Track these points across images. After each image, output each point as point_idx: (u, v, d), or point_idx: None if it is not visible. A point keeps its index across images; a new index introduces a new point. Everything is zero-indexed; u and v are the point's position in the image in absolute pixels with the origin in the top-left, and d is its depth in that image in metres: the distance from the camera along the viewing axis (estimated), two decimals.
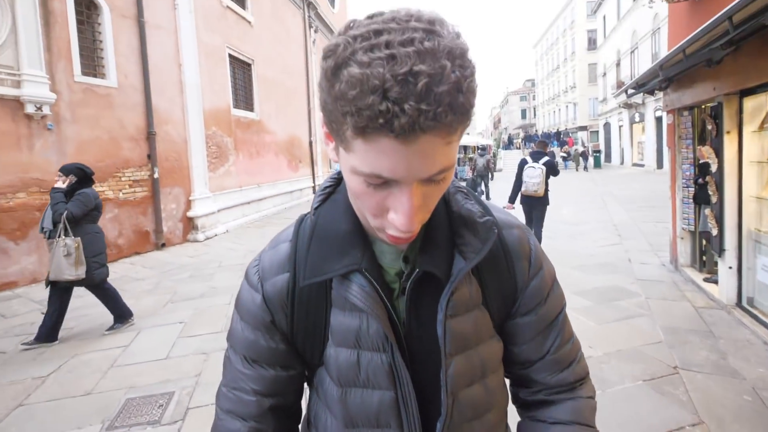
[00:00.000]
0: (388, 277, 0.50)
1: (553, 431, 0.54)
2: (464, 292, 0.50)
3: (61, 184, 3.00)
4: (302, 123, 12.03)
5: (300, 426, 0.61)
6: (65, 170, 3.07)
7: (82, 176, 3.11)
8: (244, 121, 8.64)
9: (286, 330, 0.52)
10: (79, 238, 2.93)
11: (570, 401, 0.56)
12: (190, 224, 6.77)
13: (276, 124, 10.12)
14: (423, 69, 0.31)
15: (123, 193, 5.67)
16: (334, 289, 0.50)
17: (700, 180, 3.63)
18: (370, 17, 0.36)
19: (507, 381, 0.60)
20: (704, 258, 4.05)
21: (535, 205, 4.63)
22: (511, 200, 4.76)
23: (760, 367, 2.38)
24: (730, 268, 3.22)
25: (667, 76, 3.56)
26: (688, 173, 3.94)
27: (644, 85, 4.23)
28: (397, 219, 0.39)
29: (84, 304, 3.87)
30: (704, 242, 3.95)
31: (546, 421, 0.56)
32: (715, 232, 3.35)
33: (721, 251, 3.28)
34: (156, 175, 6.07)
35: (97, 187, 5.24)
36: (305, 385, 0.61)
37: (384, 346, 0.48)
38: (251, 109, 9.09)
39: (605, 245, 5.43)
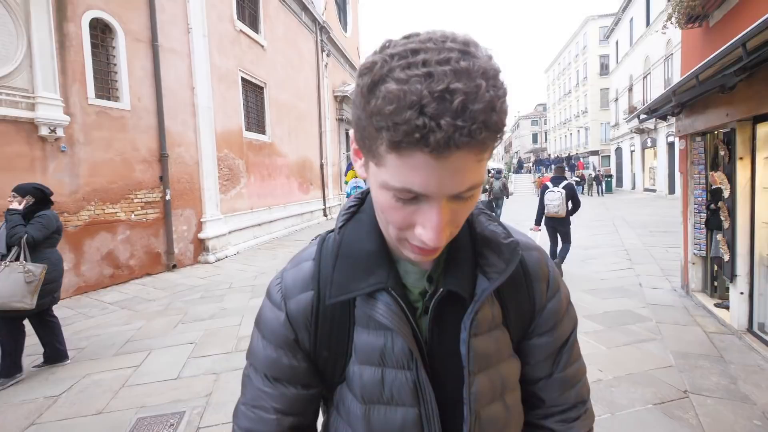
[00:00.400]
0: (412, 296, 0.52)
1: None
2: (487, 311, 0.52)
3: (17, 205, 2.81)
4: (314, 146, 12.37)
5: None
6: (21, 191, 2.86)
7: (40, 197, 2.91)
8: (255, 143, 8.96)
9: (309, 348, 0.53)
10: (45, 264, 2.77)
11: None
12: (201, 246, 6.95)
13: (287, 146, 10.46)
14: (459, 87, 0.33)
15: (135, 215, 5.86)
16: (358, 308, 0.51)
17: (712, 206, 3.67)
18: (407, 37, 0.38)
19: None
20: (715, 283, 4.05)
21: (559, 225, 5.12)
22: (537, 222, 5.24)
23: None
24: (742, 293, 3.24)
25: (680, 102, 3.63)
26: (700, 199, 3.99)
27: (657, 111, 4.33)
28: (424, 234, 0.40)
29: (96, 324, 4.02)
30: (716, 268, 3.97)
31: None
32: (726, 257, 3.38)
33: (732, 277, 3.30)
34: (168, 197, 6.29)
35: (109, 209, 5.57)
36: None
37: (408, 364, 0.50)
38: (263, 132, 9.41)
39: (616, 269, 5.45)
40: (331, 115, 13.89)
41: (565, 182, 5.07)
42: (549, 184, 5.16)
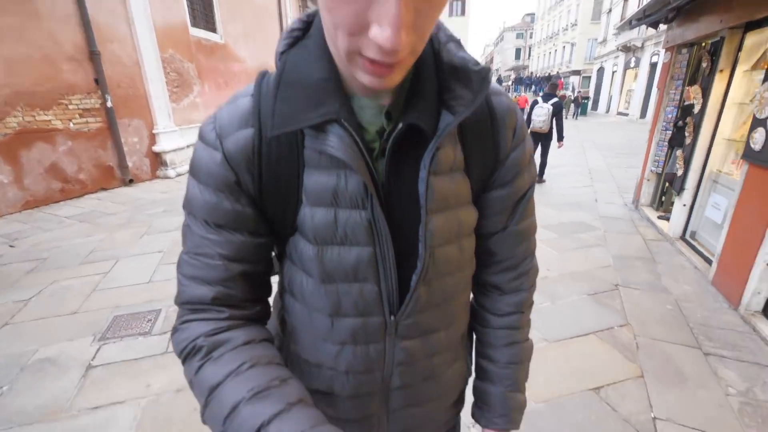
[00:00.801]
0: (368, 136, 0.49)
1: (500, 323, 0.66)
2: (449, 152, 0.50)
3: None
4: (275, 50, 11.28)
5: (272, 301, 0.62)
6: None
7: None
8: (206, 43, 8.03)
9: (254, 192, 0.50)
10: None
11: (515, 295, 0.65)
12: (157, 160, 6.61)
13: (244, 50, 9.46)
14: None
15: (74, 124, 5.36)
16: (307, 147, 0.48)
17: (680, 122, 3.91)
18: None
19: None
20: (663, 198, 4.51)
21: (541, 140, 5.58)
22: None
23: (685, 285, 2.89)
24: (684, 205, 3.65)
25: (676, 5, 3.56)
26: (670, 116, 4.19)
27: (650, 16, 4.25)
28: (381, 34, 0.34)
29: (54, 237, 3.95)
30: (666, 184, 4.38)
31: (496, 313, 0.66)
32: (680, 172, 3.72)
33: (680, 190, 3.68)
34: (109, 104, 5.72)
35: (41, 116, 5.06)
36: (275, 262, 0.61)
37: (363, 203, 0.49)
38: (213, 30, 8.35)
39: (577, 187, 5.86)
40: (294, 15, 12.39)
41: (554, 99, 5.43)
42: (539, 99, 5.48)
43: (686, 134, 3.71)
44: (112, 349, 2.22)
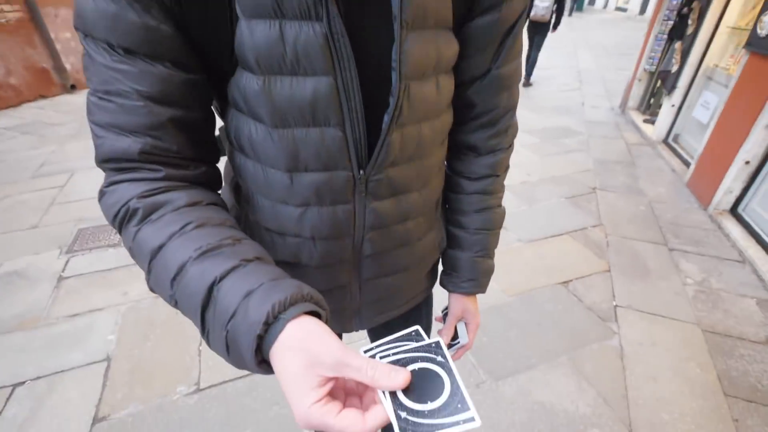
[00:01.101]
0: None
1: (473, 187, 0.63)
2: None
3: None
4: None
5: (224, 170, 0.54)
6: None
7: None
8: None
9: (168, 1, 0.37)
10: None
11: (491, 156, 0.61)
12: None
13: None
14: None
15: None
16: None
17: (685, 9, 3.64)
18: None
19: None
20: (651, 101, 4.40)
21: (540, 31, 5.10)
22: None
23: (660, 188, 2.96)
24: (673, 105, 3.57)
25: None
26: (675, 2, 3.90)
27: None
28: None
29: None
30: (658, 82, 4.22)
31: (470, 177, 0.63)
32: (675, 68, 3.56)
33: (672, 88, 3.55)
34: None
35: None
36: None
37: (317, 10, 0.37)
38: None
39: (565, 90, 5.63)
40: None
41: None
42: None
43: (689, 23, 3.48)
44: (81, 261, 2.16)
